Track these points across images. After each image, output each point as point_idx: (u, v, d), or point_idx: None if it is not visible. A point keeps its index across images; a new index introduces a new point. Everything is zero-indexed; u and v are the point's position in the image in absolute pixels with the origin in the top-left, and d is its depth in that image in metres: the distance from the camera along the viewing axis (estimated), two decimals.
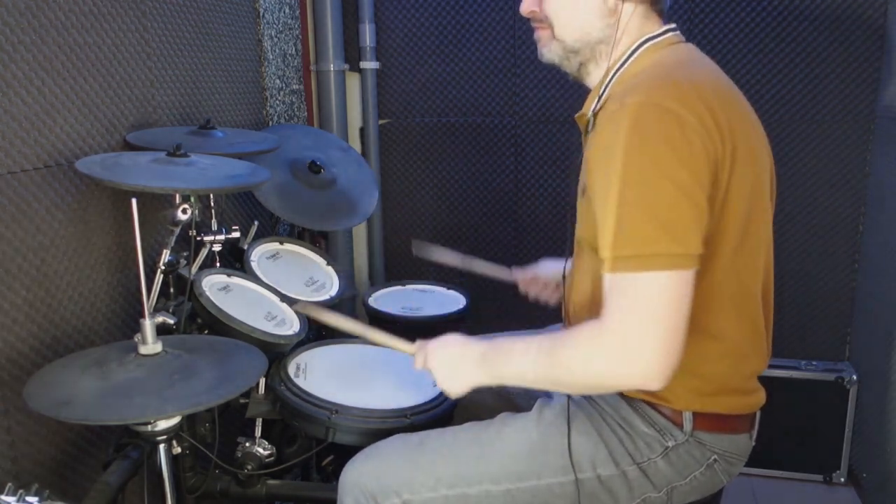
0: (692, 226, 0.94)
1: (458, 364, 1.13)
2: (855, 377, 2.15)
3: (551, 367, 1.03)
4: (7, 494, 0.92)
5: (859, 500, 2.16)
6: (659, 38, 1.11)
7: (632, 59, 1.11)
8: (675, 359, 0.93)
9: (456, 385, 1.13)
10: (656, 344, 0.92)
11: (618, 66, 1.11)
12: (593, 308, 1.14)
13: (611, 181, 0.96)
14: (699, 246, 0.94)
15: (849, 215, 2.24)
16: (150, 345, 1.10)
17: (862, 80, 2.14)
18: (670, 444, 1.10)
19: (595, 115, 1.13)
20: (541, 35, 1.18)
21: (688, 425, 1.10)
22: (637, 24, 1.11)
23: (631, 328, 0.93)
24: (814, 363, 2.23)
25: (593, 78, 1.18)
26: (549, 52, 1.18)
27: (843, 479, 2.22)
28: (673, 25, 1.14)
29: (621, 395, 1.14)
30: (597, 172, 1.00)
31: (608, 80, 1.12)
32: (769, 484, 2.25)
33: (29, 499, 0.93)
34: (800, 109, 2.19)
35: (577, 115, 1.20)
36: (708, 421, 1.10)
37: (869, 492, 2.10)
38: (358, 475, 1.15)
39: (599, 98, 1.12)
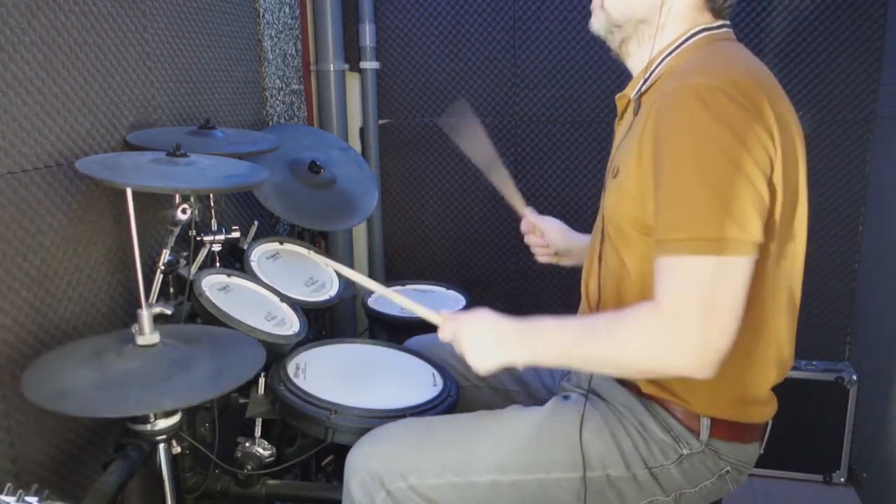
0: (755, 213, 0.93)
1: (491, 340, 1.09)
2: (855, 377, 2.15)
3: (604, 346, 0.99)
4: (7, 494, 0.92)
5: (859, 500, 2.16)
6: (715, 31, 1.11)
7: (686, 45, 1.10)
8: (728, 347, 0.92)
9: (486, 362, 1.09)
10: (711, 329, 0.91)
11: (670, 49, 1.11)
12: (613, 293, 1.14)
13: (678, 161, 0.95)
14: (761, 234, 0.94)
15: (849, 215, 2.24)
16: (148, 335, 1.09)
17: (862, 81, 2.14)
18: (685, 451, 1.10)
19: (640, 97, 1.12)
20: (594, 5, 1.18)
21: (704, 433, 1.09)
22: (686, 13, 1.11)
23: (692, 313, 0.91)
24: (814, 363, 2.23)
25: (634, 59, 1.17)
26: (597, 22, 1.18)
27: (843, 479, 2.22)
28: (728, 22, 1.13)
29: (638, 396, 1.13)
30: (658, 151, 0.98)
31: (658, 62, 1.11)
32: (769, 484, 2.25)
33: (29, 499, 0.93)
34: (799, 110, 2.17)
35: (617, 96, 1.19)
36: (724, 429, 1.10)
37: (869, 492, 2.10)
38: (365, 457, 1.14)
39: (646, 80, 1.11)
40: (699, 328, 0.91)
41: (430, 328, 1.41)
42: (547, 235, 1.52)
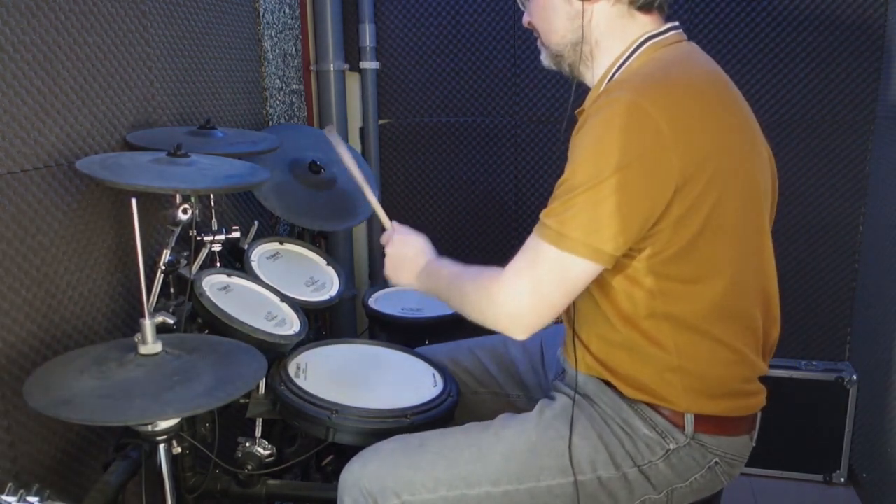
0: (616, 226, 0.97)
1: (405, 264, 1.31)
2: (855, 377, 2.15)
3: (457, 291, 1.17)
4: (7, 494, 0.92)
5: (859, 500, 2.16)
6: (661, 37, 1.11)
7: (633, 56, 1.11)
8: (539, 323, 1.05)
9: (394, 278, 1.34)
10: (532, 306, 1.04)
11: (619, 63, 1.12)
12: (592, 300, 1.15)
13: (574, 157, 1.02)
14: (614, 246, 0.99)
15: (849, 215, 2.24)
16: (150, 345, 1.10)
17: (862, 81, 2.14)
18: (671, 446, 1.10)
19: None
20: (539, 44, 1.23)
21: (689, 427, 1.10)
22: (617, 21, 1.12)
23: (522, 285, 1.05)
24: (814, 363, 2.24)
25: (588, 78, 1.19)
26: (544, 58, 1.23)
27: (843, 479, 2.22)
28: (676, 24, 1.14)
29: (622, 397, 1.14)
30: (570, 151, 1.05)
31: (610, 76, 1.13)
32: (769, 484, 2.25)
33: (29, 499, 0.93)
34: (800, 110, 2.19)
35: (577, 111, 1.21)
36: (709, 423, 1.10)
37: (869, 492, 2.10)
38: (357, 476, 1.15)
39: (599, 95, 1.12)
40: (521, 299, 1.04)
41: (437, 338, 1.43)
42: None
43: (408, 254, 1.31)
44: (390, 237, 1.36)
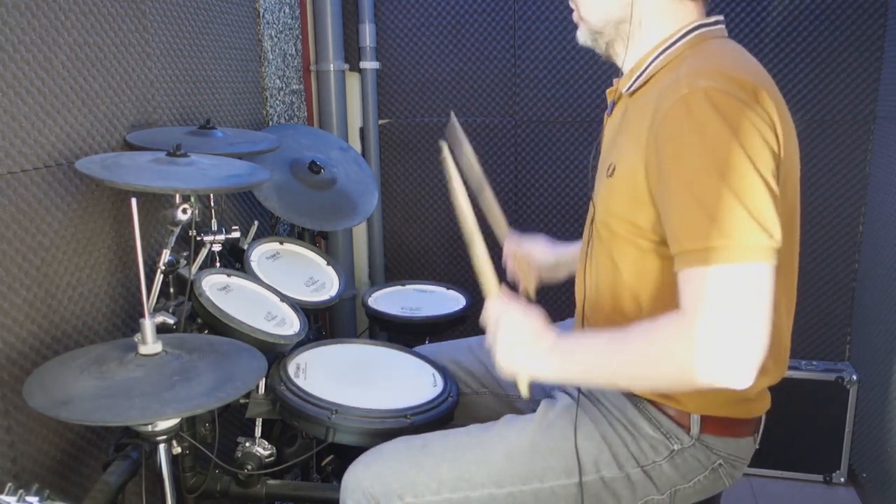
0: (776, 216, 0.90)
1: (525, 342, 1.03)
2: (855, 377, 2.15)
3: (639, 361, 0.96)
4: (7, 494, 0.92)
5: (859, 500, 2.16)
6: (710, 28, 1.09)
7: (680, 42, 1.08)
8: (764, 353, 0.88)
9: (511, 364, 1.04)
10: (747, 337, 0.87)
11: (665, 46, 1.08)
12: (606, 295, 1.14)
13: (691, 170, 0.92)
14: (781, 237, 0.90)
15: (849, 215, 2.24)
16: (150, 345, 1.10)
17: (862, 81, 2.14)
18: (676, 447, 1.10)
19: (633, 93, 1.11)
20: (574, 18, 1.18)
21: (695, 429, 1.09)
22: (661, 6, 1.08)
23: (723, 321, 0.88)
24: (814, 363, 2.24)
25: (622, 58, 1.15)
26: (581, 34, 1.18)
27: (843, 479, 2.22)
28: (721, 17, 1.11)
29: (628, 396, 1.13)
30: (664, 158, 0.95)
31: (652, 59, 1.09)
32: (769, 484, 2.25)
33: (29, 499, 0.93)
34: (800, 110, 2.19)
35: (608, 90, 1.18)
36: (715, 425, 1.10)
37: (869, 492, 2.10)
38: (360, 477, 1.14)
39: (639, 76, 1.10)
40: (736, 336, 0.87)
41: (437, 338, 1.38)
42: (533, 255, 1.48)
43: (525, 328, 1.04)
44: (498, 311, 1.07)
